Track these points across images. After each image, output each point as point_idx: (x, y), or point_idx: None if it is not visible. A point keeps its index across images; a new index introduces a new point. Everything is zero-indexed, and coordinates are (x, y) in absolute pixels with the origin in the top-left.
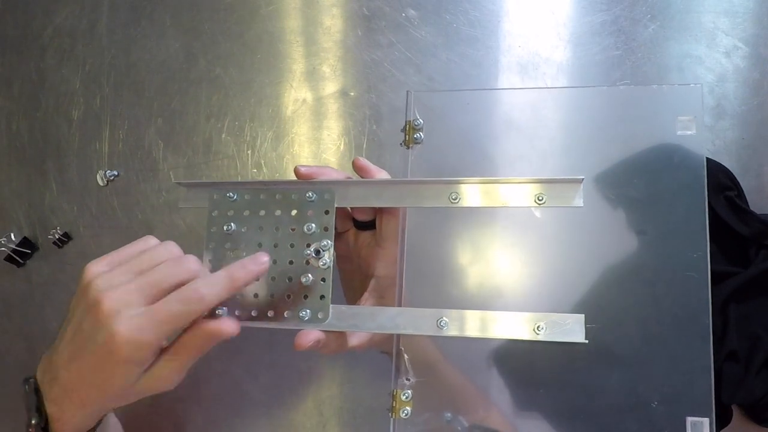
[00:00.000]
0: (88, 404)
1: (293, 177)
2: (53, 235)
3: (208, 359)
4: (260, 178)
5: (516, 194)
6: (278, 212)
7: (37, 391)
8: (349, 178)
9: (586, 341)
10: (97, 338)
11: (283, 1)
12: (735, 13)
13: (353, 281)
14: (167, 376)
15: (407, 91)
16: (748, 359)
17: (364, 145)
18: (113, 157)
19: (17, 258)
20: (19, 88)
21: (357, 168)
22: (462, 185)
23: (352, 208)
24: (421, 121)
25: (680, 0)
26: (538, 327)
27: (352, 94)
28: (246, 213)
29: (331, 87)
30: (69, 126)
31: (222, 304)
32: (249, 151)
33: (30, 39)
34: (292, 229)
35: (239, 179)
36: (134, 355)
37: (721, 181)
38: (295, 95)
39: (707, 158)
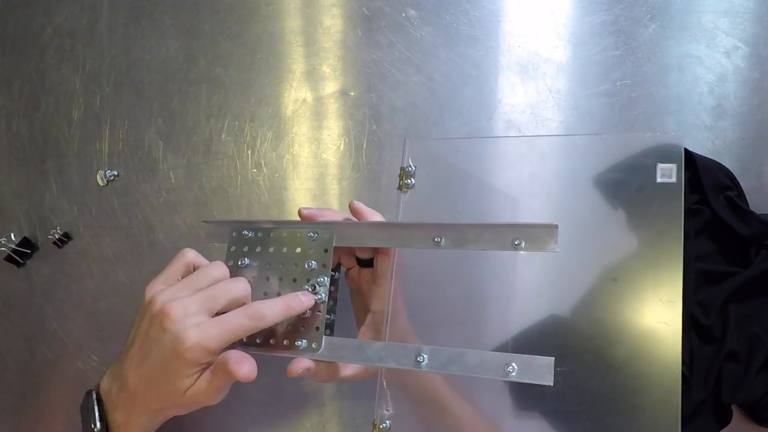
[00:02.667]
0: (151, 406)
1: (295, 179)
2: (53, 235)
3: None
4: (270, 218)
5: (494, 238)
6: (285, 249)
7: (99, 401)
8: (349, 219)
9: (551, 384)
10: (165, 342)
11: (283, 1)
12: (735, 13)
13: (363, 314)
14: (207, 390)
15: (404, 140)
16: (748, 359)
17: (364, 145)
18: (113, 157)
19: (17, 258)
20: (19, 88)
21: (352, 210)
22: (444, 229)
23: (354, 247)
24: (413, 168)
25: (680, 0)
26: (509, 368)
27: (352, 94)
28: (258, 249)
29: (331, 87)
30: (69, 126)
31: None
32: (249, 151)
33: (30, 39)
34: (295, 265)
35: (239, 180)
36: (198, 357)
37: (721, 181)
38: (295, 95)
39: (707, 158)
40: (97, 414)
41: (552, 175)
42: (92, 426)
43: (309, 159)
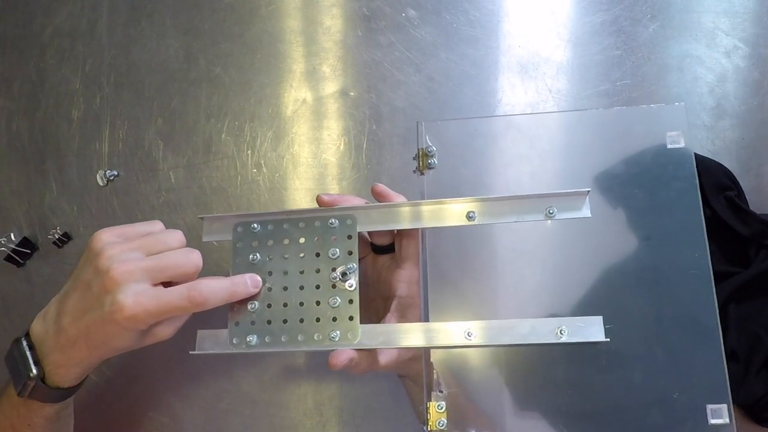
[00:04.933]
0: (94, 351)
1: (295, 179)
2: (53, 235)
3: (209, 359)
4: (275, 210)
5: (528, 209)
6: (302, 240)
7: (32, 347)
8: (369, 204)
9: (608, 340)
10: (104, 302)
11: (283, 1)
12: (735, 13)
13: (370, 304)
14: (165, 333)
15: (417, 122)
16: (748, 359)
17: (364, 145)
18: (113, 157)
19: (17, 258)
20: (19, 88)
21: (376, 194)
22: (478, 203)
23: (370, 233)
24: (434, 148)
25: (680, 0)
26: (560, 330)
27: (352, 94)
28: (270, 242)
29: (331, 87)
30: (69, 126)
31: (251, 332)
32: (249, 151)
33: (30, 39)
34: (317, 255)
35: (239, 180)
36: (132, 325)
37: (721, 181)
38: (295, 95)
39: (707, 158)
40: (31, 360)
41: (570, 148)
42: (27, 372)
43: (309, 159)
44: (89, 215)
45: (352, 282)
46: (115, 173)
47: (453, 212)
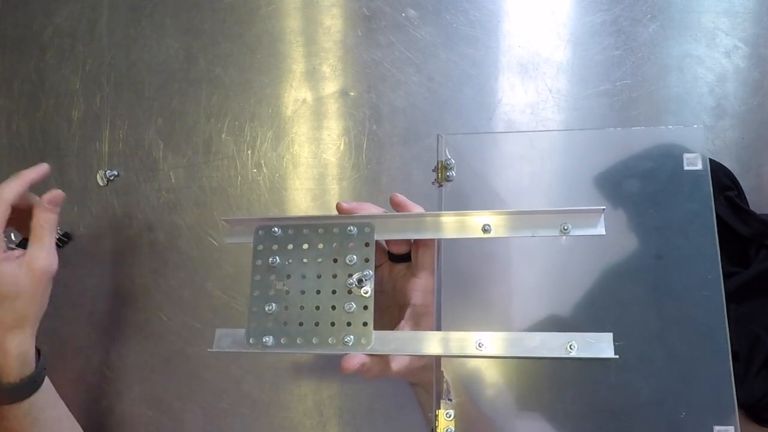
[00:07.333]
0: (7, 331)
1: (295, 179)
2: None
3: (209, 359)
4: (298, 215)
5: (543, 224)
6: (321, 245)
7: None
8: (387, 213)
9: (617, 357)
10: None
11: (283, 1)
12: (735, 13)
13: (385, 312)
14: (40, 256)
15: (437, 135)
16: (748, 359)
17: (364, 145)
18: (113, 157)
19: None
20: (19, 88)
21: (394, 203)
22: (493, 217)
23: (387, 242)
24: (453, 161)
25: (680, 0)
26: (570, 345)
27: (352, 94)
28: (290, 247)
29: (331, 87)
30: (69, 126)
31: (268, 332)
32: (249, 151)
33: (30, 39)
34: (334, 260)
35: (239, 180)
36: None
37: (721, 181)
38: (295, 95)
39: (707, 158)
40: None
41: (587, 166)
42: None
43: (309, 159)
44: (89, 215)
45: (368, 288)
46: (115, 173)
47: (469, 224)
